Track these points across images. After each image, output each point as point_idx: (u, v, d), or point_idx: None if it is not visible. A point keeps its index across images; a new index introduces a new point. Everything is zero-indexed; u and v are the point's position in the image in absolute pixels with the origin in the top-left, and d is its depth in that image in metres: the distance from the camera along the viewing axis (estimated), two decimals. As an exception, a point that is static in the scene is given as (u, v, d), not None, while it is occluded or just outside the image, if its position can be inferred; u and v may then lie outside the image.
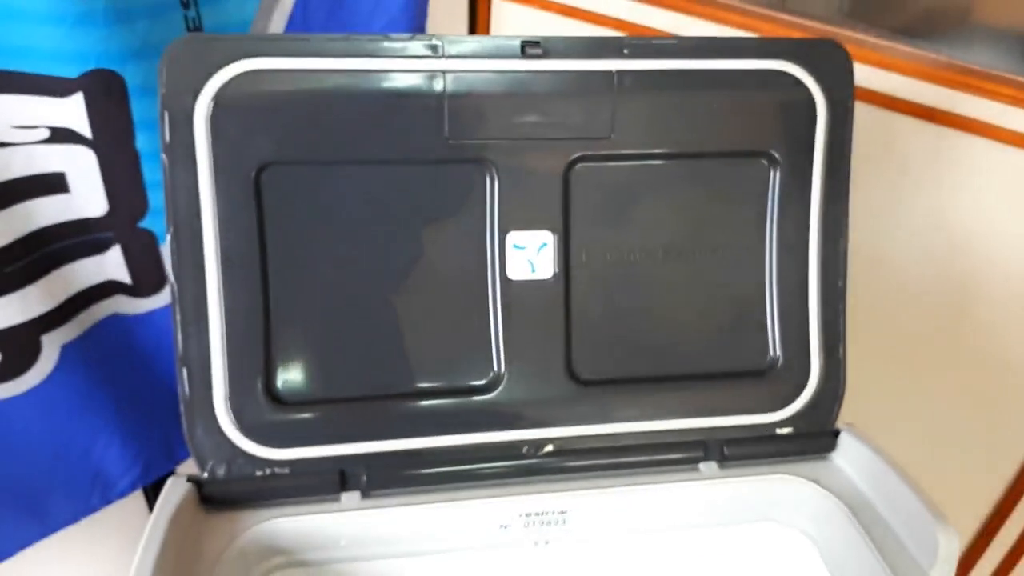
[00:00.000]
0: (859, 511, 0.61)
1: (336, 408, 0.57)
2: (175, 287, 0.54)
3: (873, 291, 0.93)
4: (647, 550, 0.65)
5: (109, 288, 0.76)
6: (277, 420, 0.56)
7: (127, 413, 0.80)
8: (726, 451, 0.64)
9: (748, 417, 0.64)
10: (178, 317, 0.54)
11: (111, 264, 0.75)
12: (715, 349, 0.65)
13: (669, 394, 0.63)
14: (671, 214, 0.63)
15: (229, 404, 0.55)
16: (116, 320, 0.78)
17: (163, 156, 0.53)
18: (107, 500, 0.82)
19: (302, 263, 0.56)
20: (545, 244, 0.60)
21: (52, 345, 0.72)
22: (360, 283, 0.58)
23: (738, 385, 0.65)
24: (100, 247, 0.74)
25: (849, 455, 0.65)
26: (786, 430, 0.65)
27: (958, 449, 1.01)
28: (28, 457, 0.75)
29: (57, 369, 0.73)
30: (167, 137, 0.52)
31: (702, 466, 0.64)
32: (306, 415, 0.57)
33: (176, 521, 0.51)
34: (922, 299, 0.95)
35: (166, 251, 0.54)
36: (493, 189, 0.58)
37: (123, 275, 0.76)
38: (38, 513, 0.78)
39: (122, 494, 0.83)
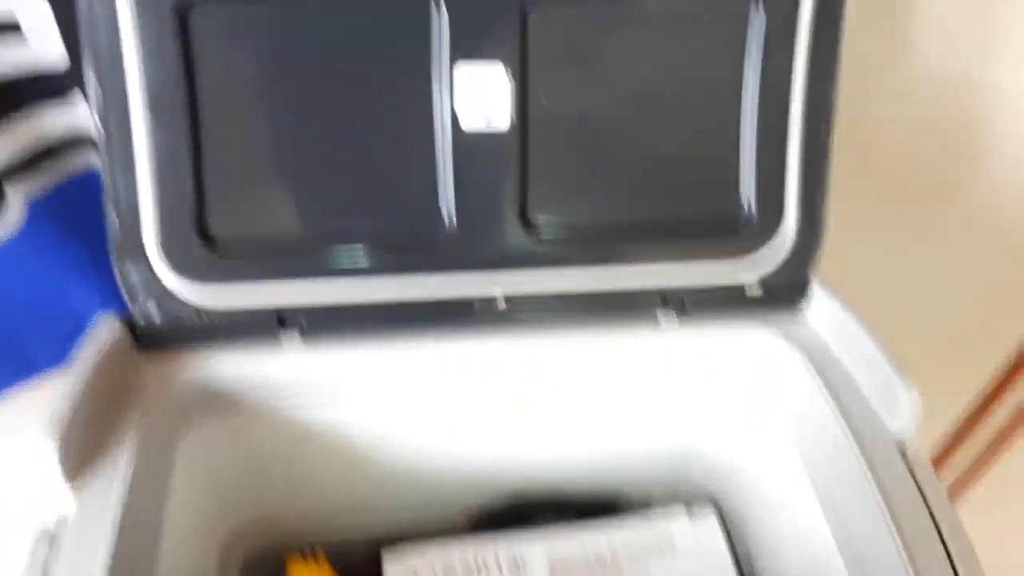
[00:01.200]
0: (824, 368, 0.59)
1: (272, 248, 0.56)
2: (99, 126, 0.52)
3: (861, 143, 0.87)
4: (599, 400, 0.64)
5: (78, 143, 0.76)
6: (210, 259, 0.54)
7: (105, 267, 0.80)
8: (687, 305, 0.61)
9: (715, 271, 0.61)
10: (105, 157, 0.52)
11: (79, 117, 0.74)
12: (682, 200, 0.61)
13: (629, 245, 0.60)
14: (641, 53, 0.58)
15: (160, 244, 0.53)
16: (88, 176, 0.78)
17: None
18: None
19: (235, 101, 0.53)
20: (500, 90, 0.56)
21: (16, 195, 0.72)
22: (298, 121, 0.55)
23: (705, 238, 0.61)
24: (63, 99, 0.73)
25: (819, 312, 0.62)
26: (755, 289, 0.62)
27: (945, 327, 0.97)
28: (6, 307, 0.77)
29: (26, 223, 0.74)
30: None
31: (661, 318, 0.62)
32: (240, 255, 0.55)
33: (107, 358, 0.51)
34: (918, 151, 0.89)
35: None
36: (440, 20, 0.54)
37: (92, 130, 0.75)
38: (21, 360, 0.80)
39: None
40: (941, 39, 0.81)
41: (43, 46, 0.69)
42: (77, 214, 0.78)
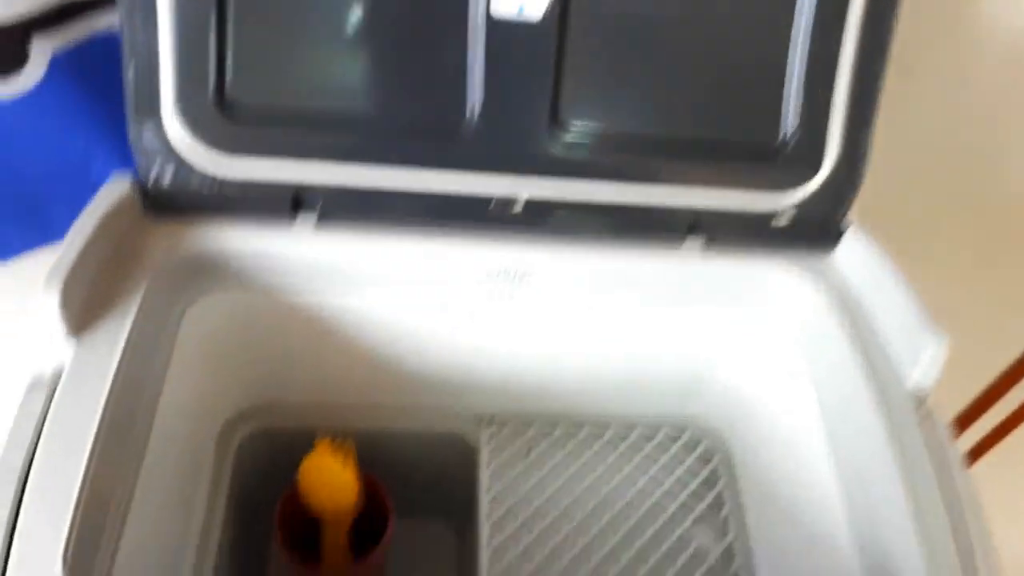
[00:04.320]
0: (849, 310, 0.57)
1: (292, 122, 0.54)
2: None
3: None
4: (612, 320, 0.63)
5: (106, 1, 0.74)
6: (228, 126, 0.52)
7: (123, 130, 0.78)
8: (715, 231, 0.59)
9: (747, 198, 0.59)
10: (124, 4, 0.50)
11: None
12: (720, 120, 0.58)
13: (661, 159, 0.58)
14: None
15: (178, 105, 0.51)
16: (116, 36, 0.75)
17: None
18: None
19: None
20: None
21: (41, 49, 0.71)
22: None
23: (740, 162, 0.59)
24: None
25: (850, 253, 0.60)
26: (787, 220, 0.59)
27: (983, 286, 0.94)
28: (26, 165, 0.76)
29: (48, 78, 0.72)
30: None
31: (686, 243, 0.59)
32: (259, 125, 0.53)
33: (114, 218, 0.50)
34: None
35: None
36: None
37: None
38: (40, 221, 0.80)
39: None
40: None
41: None
42: (101, 74, 0.75)
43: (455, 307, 0.61)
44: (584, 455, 0.71)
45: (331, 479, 0.63)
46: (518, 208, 0.57)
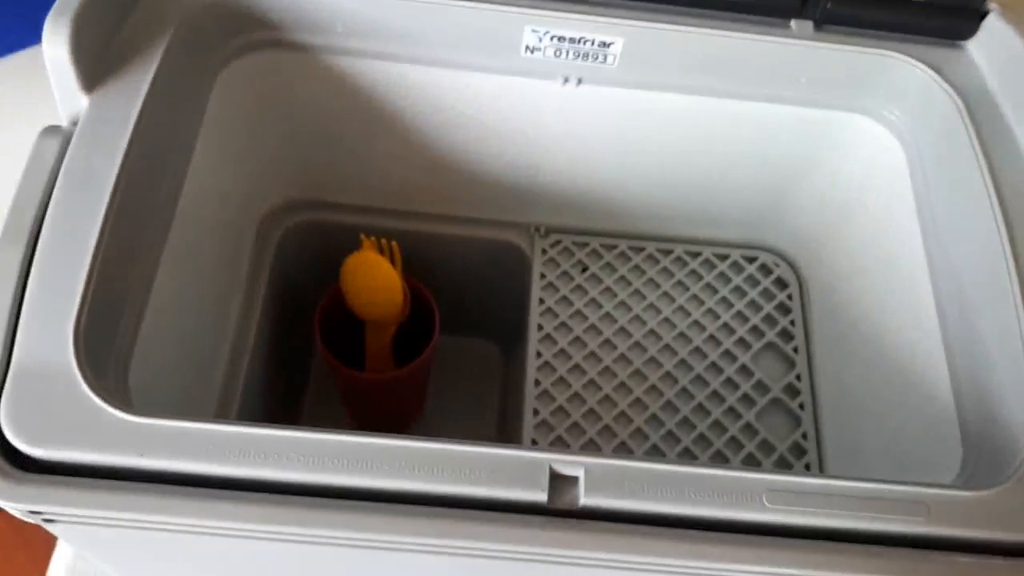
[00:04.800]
0: (982, 118, 0.48)
1: None
2: None
3: None
4: (696, 114, 0.55)
5: None
6: None
7: None
8: (830, 6, 0.50)
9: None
10: None
11: None
12: None
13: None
14: None
15: None
16: None
17: None
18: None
19: None
20: None
21: None
22: None
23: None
24: None
25: (991, 45, 0.50)
26: (915, -8, 0.50)
27: None
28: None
29: None
30: None
31: (794, 23, 0.50)
32: None
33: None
34: None
35: None
36: None
37: None
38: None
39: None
40: None
41: None
42: None
43: (516, 84, 0.53)
44: (647, 273, 0.66)
45: (376, 280, 0.59)
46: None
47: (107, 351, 0.36)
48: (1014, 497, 0.36)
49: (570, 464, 0.34)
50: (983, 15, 0.50)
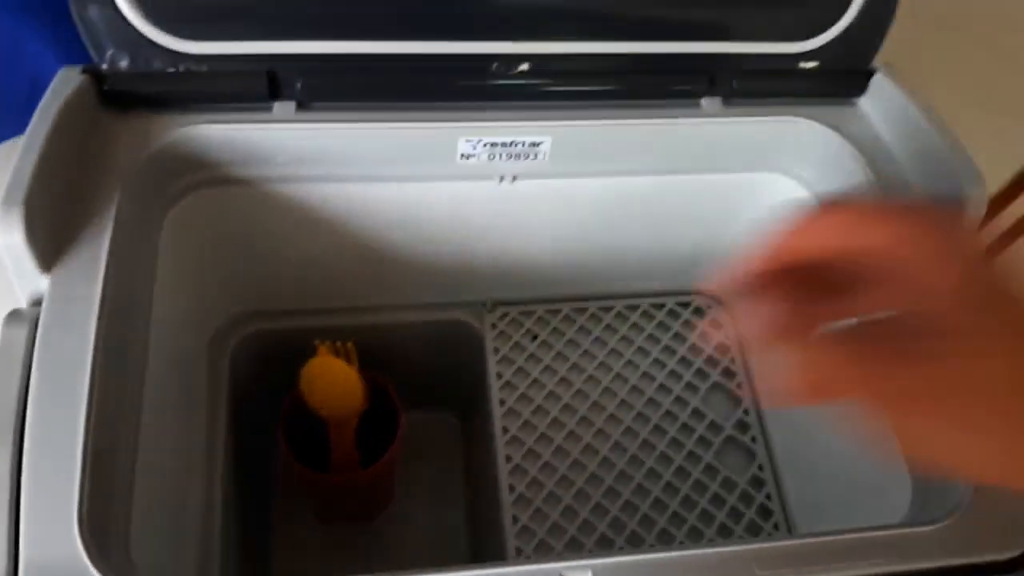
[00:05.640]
0: (881, 165, 0.53)
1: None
2: None
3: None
4: (624, 192, 0.58)
5: None
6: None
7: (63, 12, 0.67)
8: (735, 84, 0.54)
9: (767, 44, 0.54)
10: None
11: None
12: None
13: (674, 8, 0.52)
14: None
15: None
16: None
17: None
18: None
19: None
20: None
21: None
22: None
23: (763, 7, 0.53)
24: None
25: (879, 100, 0.56)
26: (811, 64, 0.55)
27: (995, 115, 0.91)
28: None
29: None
30: None
31: (704, 101, 0.54)
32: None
33: (71, 117, 0.43)
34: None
35: None
36: None
37: None
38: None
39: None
40: None
41: None
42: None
43: (454, 189, 0.55)
44: (593, 332, 0.69)
45: (335, 382, 0.60)
46: (523, 66, 0.51)
47: (108, 529, 0.37)
48: (967, 523, 0.41)
49: (578, 569, 0.37)
50: (870, 74, 0.55)
